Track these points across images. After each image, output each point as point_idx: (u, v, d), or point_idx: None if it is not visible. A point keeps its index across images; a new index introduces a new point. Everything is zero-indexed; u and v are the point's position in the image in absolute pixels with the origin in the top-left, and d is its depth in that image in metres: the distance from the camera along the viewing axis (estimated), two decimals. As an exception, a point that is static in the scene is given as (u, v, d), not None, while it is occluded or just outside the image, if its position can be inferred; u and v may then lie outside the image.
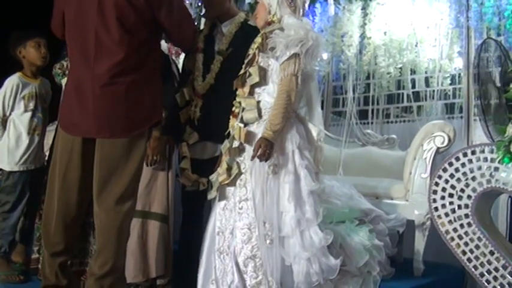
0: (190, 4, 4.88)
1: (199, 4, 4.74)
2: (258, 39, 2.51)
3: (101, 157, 2.31)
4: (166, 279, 2.88)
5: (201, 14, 3.08)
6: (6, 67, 3.28)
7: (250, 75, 2.49)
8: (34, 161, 3.18)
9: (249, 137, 2.45)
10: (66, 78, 2.77)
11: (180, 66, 3.25)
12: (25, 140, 3.15)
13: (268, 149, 2.31)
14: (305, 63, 2.41)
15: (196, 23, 3.71)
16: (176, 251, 2.96)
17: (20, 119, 3.16)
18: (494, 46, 3.21)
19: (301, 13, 2.59)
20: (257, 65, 2.48)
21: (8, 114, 3.17)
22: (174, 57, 3.28)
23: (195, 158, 2.81)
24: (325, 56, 4.27)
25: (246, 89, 2.51)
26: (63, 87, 3.06)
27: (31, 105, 3.18)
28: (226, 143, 2.50)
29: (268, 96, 2.48)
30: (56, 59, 3.18)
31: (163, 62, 2.83)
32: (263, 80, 2.48)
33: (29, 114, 3.17)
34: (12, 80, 3.18)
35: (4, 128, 3.17)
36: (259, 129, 2.45)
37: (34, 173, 3.16)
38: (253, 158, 2.33)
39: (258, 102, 2.49)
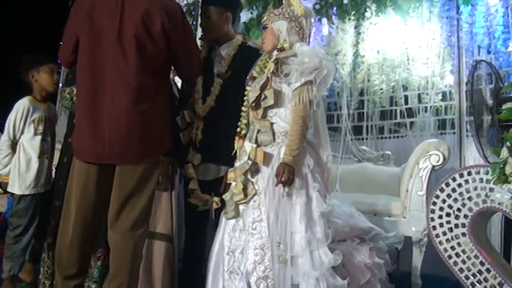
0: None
1: (194, 23, 4.82)
2: (271, 65, 2.58)
3: (119, 183, 2.37)
4: (172, 299, 2.93)
5: (199, 37, 3.12)
6: (10, 89, 3.31)
7: (265, 97, 2.56)
8: (44, 184, 3.21)
9: (264, 157, 2.53)
10: (74, 103, 2.84)
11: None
12: (35, 164, 3.17)
13: (291, 174, 2.40)
14: (317, 90, 2.50)
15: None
16: (181, 270, 3.01)
17: (30, 143, 3.18)
18: (485, 66, 3.31)
19: (308, 40, 2.68)
20: (272, 89, 2.55)
21: (18, 137, 3.19)
22: (173, 79, 3.32)
23: (198, 179, 2.86)
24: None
25: (260, 111, 2.58)
26: (67, 111, 3.14)
27: (40, 128, 3.21)
28: (244, 164, 2.55)
29: (281, 120, 2.56)
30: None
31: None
32: (276, 103, 2.56)
33: (39, 138, 3.20)
34: (23, 104, 3.21)
35: (14, 151, 3.19)
36: (273, 151, 2.54)
37: (43, 196, 3.19)
38: (277, 184, 2.40)
39: (272, 124, 2.57)
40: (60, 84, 3.65)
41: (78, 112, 2.46)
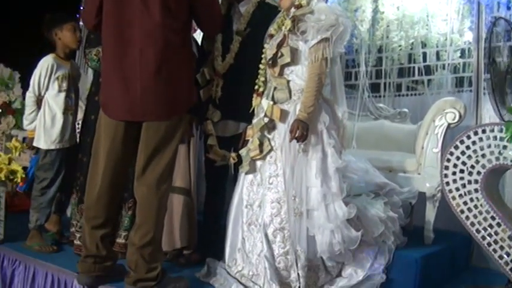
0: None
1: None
2: (288, 22, 2.60)
3: (146, 138, 2.47)
4: (191, 250, 3.06)
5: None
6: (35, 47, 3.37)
7: (282, 55, 2.59)
8: (69, 139, 3.31)
9: (281, 114, 2.59)
10: (100, 64, 2.90)
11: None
12: (60, 120, 3.25)
13: (305, 131, 2.47)
14: (333, 47, 2.53)
15: None
16: (201, 223, 3.14)
17: (55, 100, 3.25)
18: (504, 23, 3.29)
19: None
20: (288, 46, 2.58)
21: (42, 94, 3.26)
22: (192, 36, 3.36)
23: (218, 136, 2.95)
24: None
25: (277, 69, 2.62)
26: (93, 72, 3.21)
27: (64, 85, 3.27)
28: (260, 120, 2.63)
29: (297, 77, 2.61)
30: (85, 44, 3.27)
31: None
32: (293, 60, 2.59)
33: (63, 94, 3.26)
34: (47, 61, 3.26)
35: (39, 108, 3.27)
36: (289, 108, 2.60)
37: (69, 151, 3.29)
38: (291, 139, 2.47)
39: (288, 82, 2.62)
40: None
41: (105, 71, 2.53)
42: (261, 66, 2.75)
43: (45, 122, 3.24)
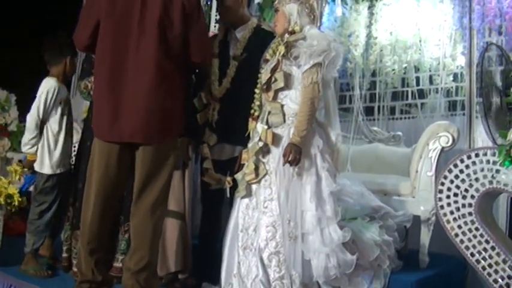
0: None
1: (209, 3, 4.88)
2: (282, 48, 2.64)
3: (141, 162, 2.49)
4: (187, 274, 3.04)
5: (216, 21, 3.20)
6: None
7: (275, 80, 2.64)
8: (68, 163, 3.34)
9: (274, 138, 2.62)
10: (90, 96, 2.96)
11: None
12: (63, 144, 3.25)
13: (298, 154, 2.49)
14: (326, 72, 2.58)
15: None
16: (196, 246, 3.14)
17: (59, 124, 3.24)
18: (496, 48, 3.35)
19: (319, 23, 2.74)
20: (282, 71, 2.63)
21: (46, 118, 3.22)
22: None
23: (214, 159, 2.98)
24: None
25: (271, 94, 2.66)
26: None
27: (66, 109, 3.29)
28: (255, 144, 2.65)
29: (291, 101, 2.64)
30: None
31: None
32: (287, 85, 2.64)
33: (65, 118, 3.28)
34: (52, 85, 3.23)
35: (41, 133, 3.23)
36: (283, 132, 2.63)
37: (65, 175, 3.30)
38: (285, 163, 2.50)
39: (282, 106, 2.65)
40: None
41: (98, 94, 2.56)
42: (256, 90, 2.79)
43: (50, 146, 3.23)
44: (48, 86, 3.22)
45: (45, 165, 3.23)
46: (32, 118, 3.21)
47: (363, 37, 4.20)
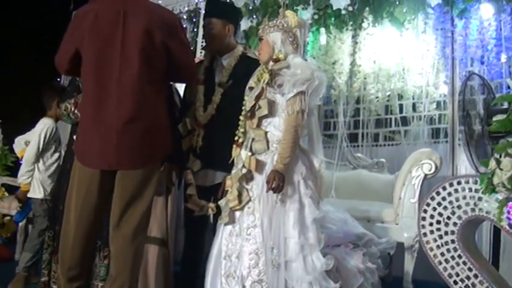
0: (186, 28, 5.09)
1: (195, 30, 4.93)
2: (266, 75, 2.66)
3: (121, 187, 2.46)
4: (167, 301, 3.02)
5: (201, 48, 3.23)
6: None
7: (259, 107, 2.65)
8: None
9: (258, 165, 2.62)
10: (71, 119, 3.06)
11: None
12: (52, 173, 3.74)
13: (281, 181, 2.49)
14: (309, 100, 2.60)
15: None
16: (178, 273, 3.10)
17: (52, 158, 3.75)
18: (478, 78, 3.41)
19: (302, 51, 2.77)
20: (266, 99, 2.65)
21: (43, 152, 3.74)
22: (175, 87, 3.42)
23: (197, 185, 2.96)
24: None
25: (255, 121, 2.67)
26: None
27: (58, 145, 3.76)
28: (237, 171, 2.65)
29: (275, 129, 2.65)
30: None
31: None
32: (271, 113, 2.65)
33: (57, 154, 3.78)
34: (50, 125, 3.77)
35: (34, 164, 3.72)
36: (267, 159, 2.63)
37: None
38: (268, 190, 2.49)
39: (266, 133, 2.66)
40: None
41: (83, 119, 2.56)
42: (241, 117, 2.79)
43: (42, 176, 3.74)
44: (46, 126, 3.75)
45: (37, 191, 3.72)
46: (31, 153, 3.72)
47: (347, 65, 4.25)
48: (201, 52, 3.14)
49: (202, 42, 3.32)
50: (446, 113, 4.16)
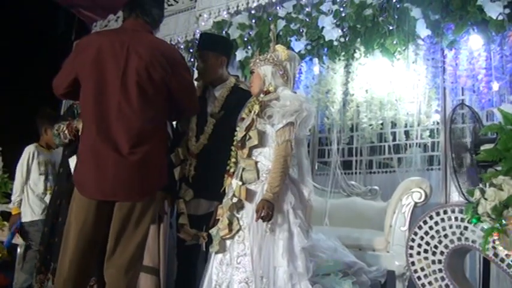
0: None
1: (191, 60, 5.03)
2: (256, 107, 2.74)
3: (118, 219, 2.52)
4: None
5: (195, 78, 3.30)
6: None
7: (250, 138, 2.73)
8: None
9: (248, 194, 2.68)
10: (60, 139, 3.16)
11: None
12: (43, 195, 3.89)
13: (270, 210, 2.54)
14: (298, 130, 2.67)
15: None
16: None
17: (37, 182, 3.91)
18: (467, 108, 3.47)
19: (292, 83, 2.85)
20: (256, 129, 2.72)
21: (27, 178, 3.91)
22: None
23: (190, 214, 3.02)
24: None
25: (245, 151, 2.74)
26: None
27: (42, 169, 3.86)
28: (228, 200, 2.71)
29: (265, 159, 2.72)
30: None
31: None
32: (261, 143, 2.72)
33: (43, 177, 3.90)
34: (29, 149, 3.97)
35: (22, 192, 3.92)
36: (257, 188, 2.69)
37: None
38: (257, 219, 2.54)
39: (256, 163, 2.72)
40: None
41: (82, 149, 2.60)
42: (232, 148, 2.86)
43: (29, 200, 3.92)
44: (25, 152, 3.96)
45: (28, 215, 3.93)
46: (17, 181, 3.95)
47: (340, 94, 4.31)
48: (197, 84, 3.23)
49: (195, 73, 3.41)
50: (439, 140, 4.21)
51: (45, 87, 3.68)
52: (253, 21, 4.70)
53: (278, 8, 4.62)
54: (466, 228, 2.59)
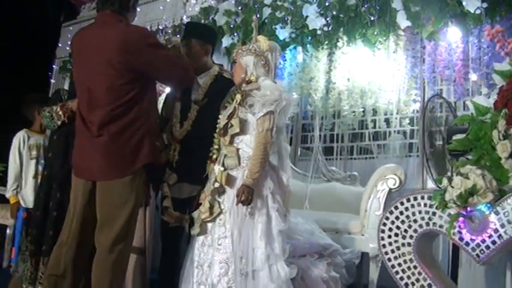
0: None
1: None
2: (238, 96, 2.87)
3: (99, 200, 2.68)
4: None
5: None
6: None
7: (232, 126, 2.85)
8: None
9: (229, 180, 2.81)
10: (52, 121, 3.18)
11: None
12: (30, 184, 3.84)
13: (250, 195, 2.68)
14: (278, 119, 2.80)
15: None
16: (155, 280, 3.26)
17: (26, 166, 3.88)
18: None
19: (273, 73, 2.96)
20: (238, 118, 2.84)
21: (21, 164, 3.88)
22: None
23: (173, 197, 3.13)
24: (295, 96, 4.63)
25: (227, 138, 2.86)
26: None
27: (34, 153, 3.81)
28: (210, 185, 2.84)
29: (246, 146, 2.84)
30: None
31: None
32: (242, 131, 2.84)
33: (33, 161, 3.85)
34: (18, 136, 3.94)
35: (17, 180, 3.91)
36: (238, 174, 2.81)
37: None
38: (237, 203, 2.68)
39: (238, 150, 2.85)
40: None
41: (75, 132, 2.85)
42: (215, 135, 2.97)
43: (21, 185, 3.90)
44: (16, 138, 3.94)
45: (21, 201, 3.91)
46: (11, 170, 3.92)
47: (323, 82, 4.41)
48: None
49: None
50: (417, 128, 4.34)
51: (33, 73, 3.78)
52: (240, 8, 4.78)
53: (264, -5, 4.71)
54: (434, 214, 2.73)
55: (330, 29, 4.26)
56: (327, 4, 4.26)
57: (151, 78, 2.85)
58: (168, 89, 3.45)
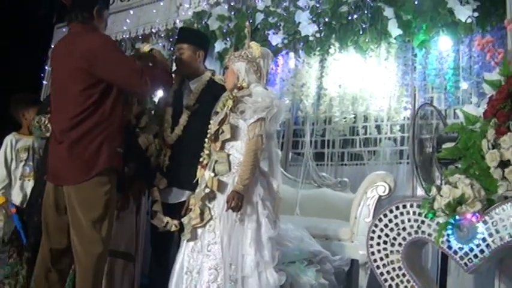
0: (163, 46, 5.28)
1: (171, 49, 5.11)
2: (230, 102, 2.87)
3: (68, 203, 2.74)
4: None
5: (172, 71, 3.40)
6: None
7: (223, 131, 2.86)
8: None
9: (220, 186, 2.81)
10: (41, 131, 3.29)
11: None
12: (17, 185, 3.76)
13: (240, 201, 2.68)
14: (269, 126, 2.81)
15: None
16: (146, 286, 3.26)
17: (15, 168, 3.81)
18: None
19: (265, 79, 2.97)
20: (229, 124, 2.85)
21: (11, 167, 3.81)
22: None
23: (163, 202, 3.14)
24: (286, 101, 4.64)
25: (218, 144, 2.86)
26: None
27: (23, 156, 3.77)
28: (200, 191, 2.84)
29: (237, 152, 2.85)
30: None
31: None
32: (233, 137, 2.85)
33: (21, 164, 3.79)
34: (7, 139, 3.87)
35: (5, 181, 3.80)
36: (228, 180, 2.81)
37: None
38: (227, 209, 2.68)
39: (228, 156, 2.85)
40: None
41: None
42: (206, 140, 2.97)
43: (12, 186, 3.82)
44: (4, 142, 3.88)
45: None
46: (1, 175, 3.80)
47: (314, 88, 4.42)
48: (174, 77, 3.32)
49: (173, 66, 3.50)
50: (408, 135, 4.36)
51: (25, 74, 3.77)
52: (233, 13, 4.78)
53: (257, 1, 4.72)
54: (423, 222, 2.74)
55: (322, 35, 4.26)
56: (319, 11, 4.27)
57: (111, 85, 2.82)
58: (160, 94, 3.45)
